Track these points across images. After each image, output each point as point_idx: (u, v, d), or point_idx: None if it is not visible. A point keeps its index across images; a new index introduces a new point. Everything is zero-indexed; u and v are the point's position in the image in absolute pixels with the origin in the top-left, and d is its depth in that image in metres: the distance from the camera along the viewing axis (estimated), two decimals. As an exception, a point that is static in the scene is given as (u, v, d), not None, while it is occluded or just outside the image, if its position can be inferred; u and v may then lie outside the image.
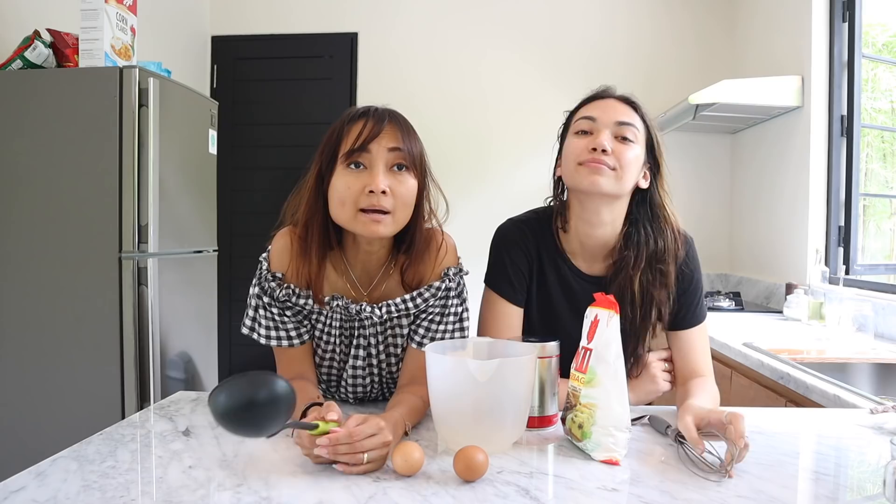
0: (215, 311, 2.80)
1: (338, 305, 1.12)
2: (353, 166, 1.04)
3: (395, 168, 1.05)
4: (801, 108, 2.80)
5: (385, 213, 1.04)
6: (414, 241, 1.13)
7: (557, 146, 1.24)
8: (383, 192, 1.02)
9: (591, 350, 0.98)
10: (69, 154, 2.16)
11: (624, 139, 1.13)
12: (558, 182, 1.24)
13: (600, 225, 1.18)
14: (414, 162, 1.07)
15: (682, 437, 0.97)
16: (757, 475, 0.89)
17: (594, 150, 1.11)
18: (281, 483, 0.84)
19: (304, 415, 0.99)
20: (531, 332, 1.26)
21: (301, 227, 1.10)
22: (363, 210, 1.03)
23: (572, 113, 1.22)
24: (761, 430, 1.09)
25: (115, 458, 0.92)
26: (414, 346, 1.16)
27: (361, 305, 1.12)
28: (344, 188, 1.03)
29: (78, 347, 2.17)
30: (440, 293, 1.14)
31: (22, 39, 2.25)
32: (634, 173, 1.14)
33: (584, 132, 1.15)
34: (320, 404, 1.03)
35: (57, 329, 2.18)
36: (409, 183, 1.06)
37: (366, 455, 0.85)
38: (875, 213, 3.08)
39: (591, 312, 1.02)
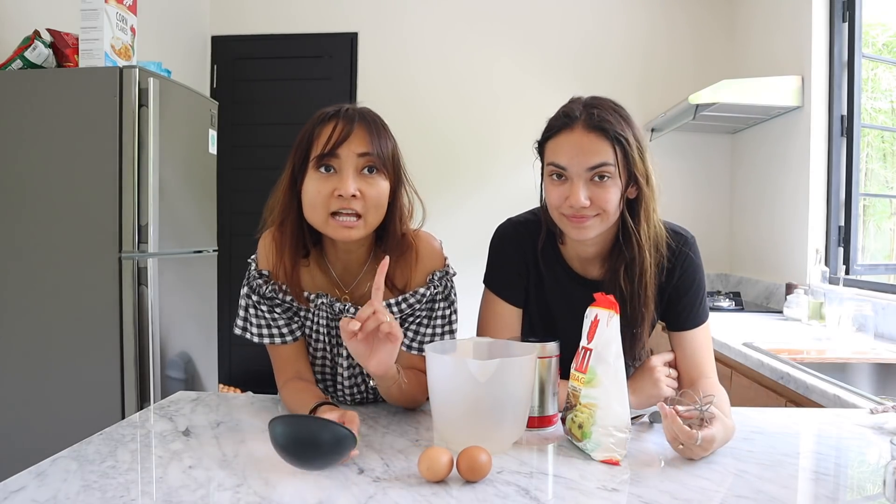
0: (215, 311, 2.80)
1: (322, 304, 1.13)
2: (322, 170, 1.04)
3: (366, 171, 1.05)
4: (801, 108, 2.80)
5: (357, 216, 1.04)
6: (392, 241, 1.13)
7: (539, 164, 1.20)
8: (353, 196, 1.03)
9: (591, 350, 0.98)
10: (69, 154, 2.16)
11: (601, 178, 1.08)
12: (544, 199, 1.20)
13: (594, 244, 1.18)
14: (385, 164, 1.07)
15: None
16: (757, 475, 0.89)
17: (571, 205, 1.07)
18: (281, 483, 0.84)
19: (313, 412, 1.00)
20: (531, 332, 1.26)
21: (276, 228, 1.12)
22: (334, 214, 1.04)
23: (543, 142, 1.16)
24: (761, 430, 1.09)
25: (115, 458, 0.92)
26: (403, 349, 1.17)
27: (346, 305, 1.13)
28: (314, 192, 1.04)
29: (78, 347, 2.17)
30: (425, 300, 1.15)
31: (22, 39, 2.25)
32: (618, 205, 1.10)
33: (558, 175, 1.10)
34: (331, 403, 1.03)
35: (57, 329, 2.17)
36: (380, 185, 1.07)
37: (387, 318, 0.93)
38: (875, 213, 3.08)
39: (591, 312, 1.02)
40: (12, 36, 2.36)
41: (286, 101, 3.78)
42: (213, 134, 2.70)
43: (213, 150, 2.71)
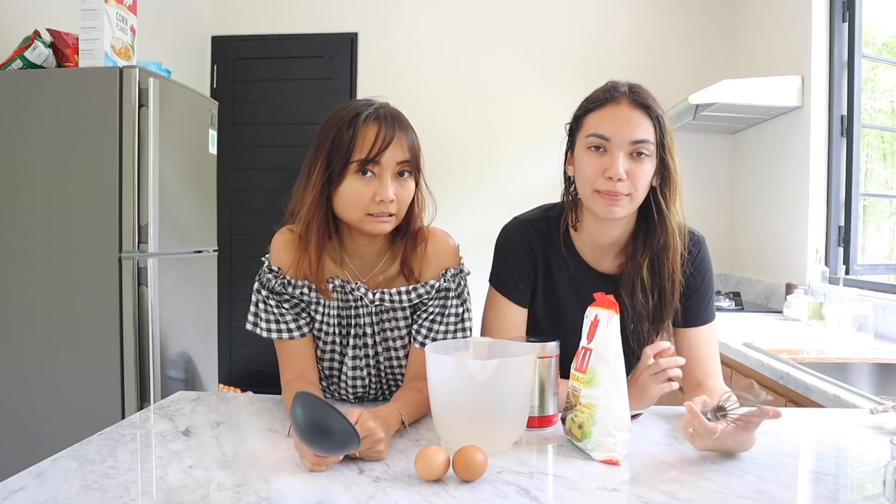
0: (215, 311, 2.80)
1: (335, 287, 1.15)
2: (361, 174, 1.07)
3: (399, 175, 1.10)
4: (801, 108, 2.80)
5: (390, 214, 1.10)
6: (408, 232, 1.17)
7: (566, 142, 1.20)
8: (391, 201, 1.08)
9: (591, 350, 0.98)
10: (69, 154, 2.16)
11: (639, 154, 1.10)
12: (569, 180, 1.21)
13: (615, 229, 1.18)
14: (417, 166, 1.12)
15: (721, 413, 0.95)
16: (757, 475, 0.89)
17: (609, 178, 1.08)
18: (281, 483, 0.84)
19: None
20: (539, 331, 1.25)
21: (303, 224, 1.12)
22: (369, 213, 1.08)
23: (582, 115, 1.16)
24: (761, 430, 1.09)
25: (115, 458, 0.92)
26: (417, 346, 1.19)
27: (357, 284, 1.15)
28: (354, 195, 1.08)
29: (78, 347, 2.17)
30: (434, 292, 1.16)
31: (22, 39, 2.25)
32: (647, 187, 1.12)
33: (597, 147, 1.11)
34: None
35: (57, 329, 2.17)
36: (410, 186, 1.12)
37: (357, 452, 0.91)
38: (875, 213, 3.08)
39: (590, 312, 1.02)
40: (12, 36, 2.36)
41: (286, 101, 3.78)
42: (213, 134, 2.70)
43: (213, 150, 2.71)
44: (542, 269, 1.24)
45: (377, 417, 0.96)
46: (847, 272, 2.59)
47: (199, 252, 2.63)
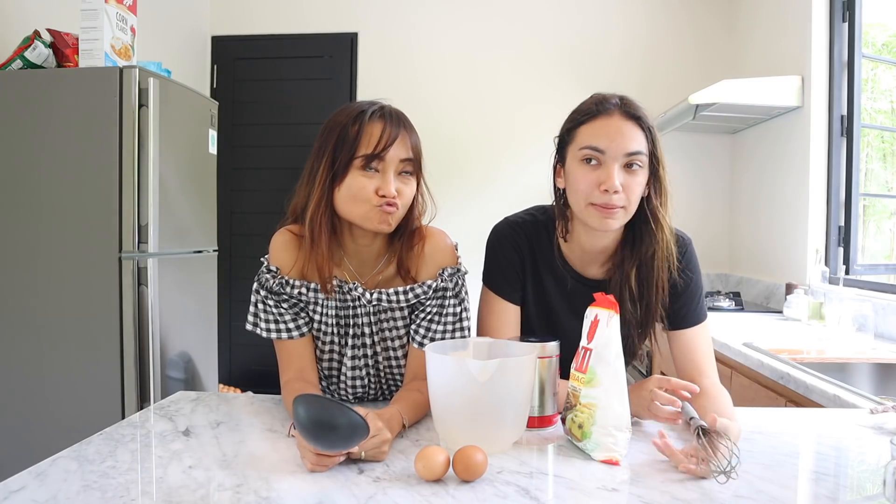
0: (215, 311, 2.80)
1: (333, 286, 1.15)
2: (366, 169, 1.08)
3: (402, 173, 1.11)
4: (801, 108, 2.80)
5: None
6: (406, 231, 1.17)
7: (555, 153, 1.20)
8: (393, 197, 1.08)
9: (591, 350, 0.98)
10: (69, 154, 2.16)
11: (631, 166, 1.10)
12: (559, 192, 1.21)
13: (605, 239, 1.19)
14: (419, 166, 1.13)
15: (703, 432, 0.92)
16: (757, 475, 0.89)
17: (605, 190, 1.08)
18: (281, 483, 0.84)
19: None
20: (531, 332, 1.26)
21: (309, 222, 1.12)
22: (375, 207, 1.09)
23: (573, 128, 1.15)
24: (761, 430, 1.09)
25: (115, 458, 0.92)
26: (415, 346, 1.19)
27: (354, 284, 1.15)
28: (359, 189, 1.08)
29: (78, 347, 2.17)
30: (431, 292, 1.17)
31: (22, 39, 2.25)
32: (639, 199, 1.13)
33: (591, 160, 1.11)
34: None
35: (57, 329, 2.17)
36: (413, 184, 1.13)
37: (363, 453, 0.90)
38: (875, 213, 3.08)
39: (590, 312, 1.02)
40: (12, 36, 2.36)
41: (286, 101, 3.78)
42: (213, 134, 2.70)
43: (213, 150, 2.71)
44: (531, 272, 1.25)
45: (381, 419, 0.96)
46: (847, 272, 2.59)
47: (199, 252, 2.63)
